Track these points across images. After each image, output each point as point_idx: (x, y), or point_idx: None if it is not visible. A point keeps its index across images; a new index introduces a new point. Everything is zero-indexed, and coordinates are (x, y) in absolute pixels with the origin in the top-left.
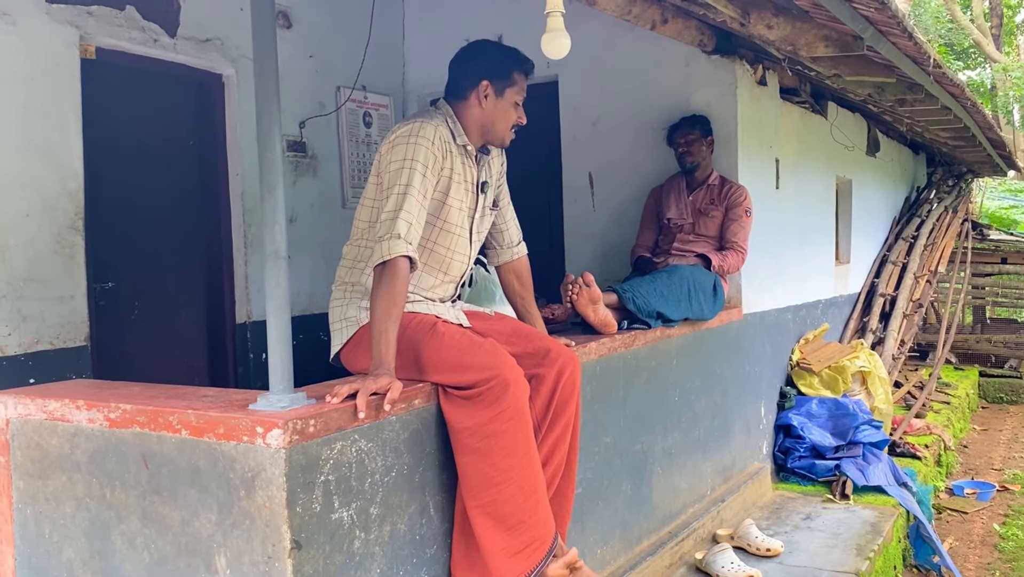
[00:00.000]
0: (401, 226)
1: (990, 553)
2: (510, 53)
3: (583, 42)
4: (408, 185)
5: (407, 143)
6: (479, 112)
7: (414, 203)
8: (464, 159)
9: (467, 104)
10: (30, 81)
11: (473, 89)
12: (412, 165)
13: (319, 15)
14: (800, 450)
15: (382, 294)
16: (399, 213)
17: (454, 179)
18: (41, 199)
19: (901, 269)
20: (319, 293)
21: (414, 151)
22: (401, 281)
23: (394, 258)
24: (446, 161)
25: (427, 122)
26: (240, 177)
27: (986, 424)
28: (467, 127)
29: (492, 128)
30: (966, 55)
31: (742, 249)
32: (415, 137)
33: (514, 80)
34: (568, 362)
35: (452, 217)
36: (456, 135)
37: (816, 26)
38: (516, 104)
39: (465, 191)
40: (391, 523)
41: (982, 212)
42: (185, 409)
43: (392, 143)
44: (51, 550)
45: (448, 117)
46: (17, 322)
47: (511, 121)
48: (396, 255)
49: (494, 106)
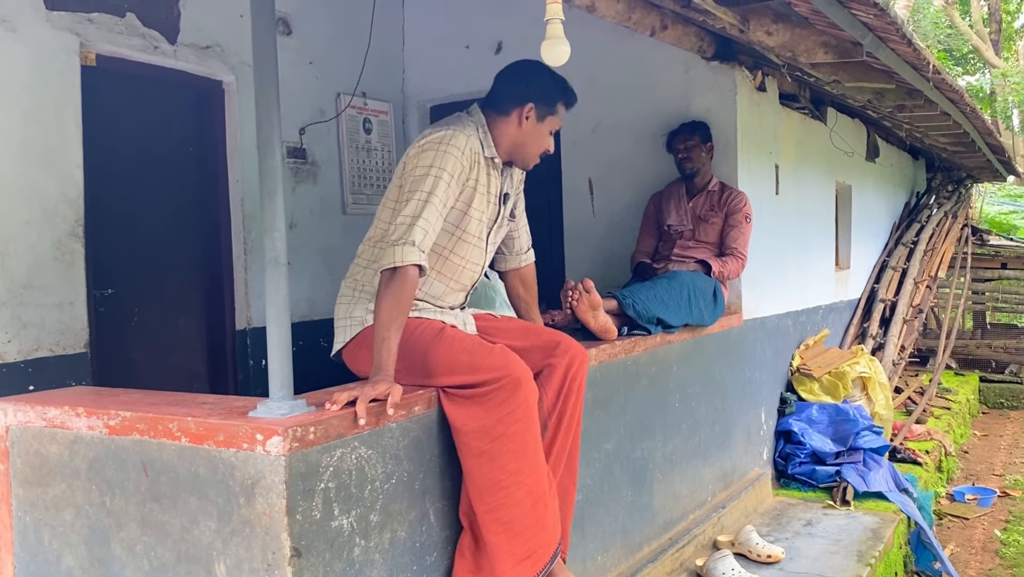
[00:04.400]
0: (417, 233)
1: (991, 559)
2: (560, 83)
3: (583, 49)
4: (431, 193)
5: (436, 150)
6: (516, 132)
7: (433, 212)
8: (490, 170)
9: (507, 120)
10: (30, 88)
11: (517, 108)
12: (438, 173)
13: (319, 22)
14: (801, 456)
15: (388, 299)
16: (417, 220)
17: (478, 190)
18: (41, 206)
19: (901, 274)
20: (319, 299)
21: (442, 159)
22: (409, 289)
23: (405, 266)
24: (472, 172)
25: (459, 131)
26: (240, 183)
27: (987, 429)
28: (498, 141)
29: (523, 149)
30: (965, 61)
31: (742, 255)
32: (445, 145)
33: (556, 110)
34: (578, 353)
35: (471, 227)
36: (485, 146)
37: (815, 32)
38: (551, 132)
39: (487, 202)
40: (391, 530)
41: (982, 217)
42: (185, 416)
43: (421, 147)
44: (50, 558)
45: (480, 127)
46: (17, 329)
47: (542, 148)
48: (408, 263)
49: (532, 129)
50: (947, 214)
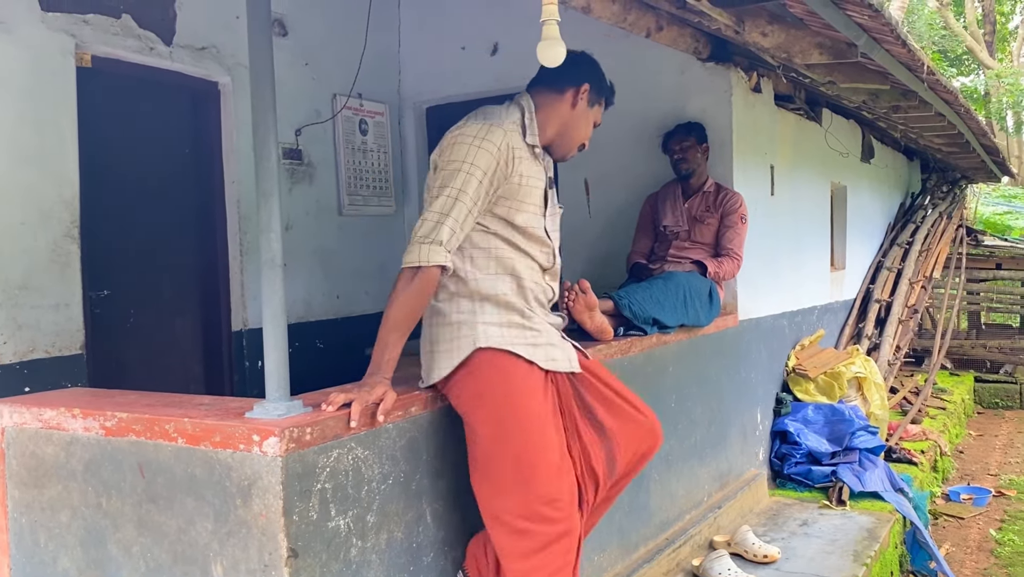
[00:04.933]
0: (445, 232)
1: (986, 558)
2: (607, 80)
3: (578, 50)
4: (461, 191)
5: (471, 145)
6: (567, 113)
7: (463, 210)
8: (532, 159)
9: (560, 99)
10: (26, 89)
11: (573, 87)
12: (471, 170)
13: (315, 23)
14: (797, 456)
15: (404, 300)
16: (446, 218)
17: (524, 183)
18: (37, 207)
19: (896, 275)
20: (315, 301)
21: (476, 155)
22: (429, 290)
23: (429, 267)
24: (512, 167)
25: (497, 126)
26: (236, 185)
27: (982, 429)
28: (544, 125)
29: (569, 134)
30: (959, 62)
31: (737, 256)
32: (480, 140)
33: (602, 102)
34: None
35: (531, 222)
36: (528, 133)
37: (810, 33)
38: (593, 124)
39: (538, 192)
40: (388, 531)
41: (976, 218)
42: (181, 417)
43: (455, 140)
44: (46, 559)
45: (528, 112)
46: (12, 330)
47: (585, 137)
48: (433, 263)
49: (583, 113)
50: (942, 215)
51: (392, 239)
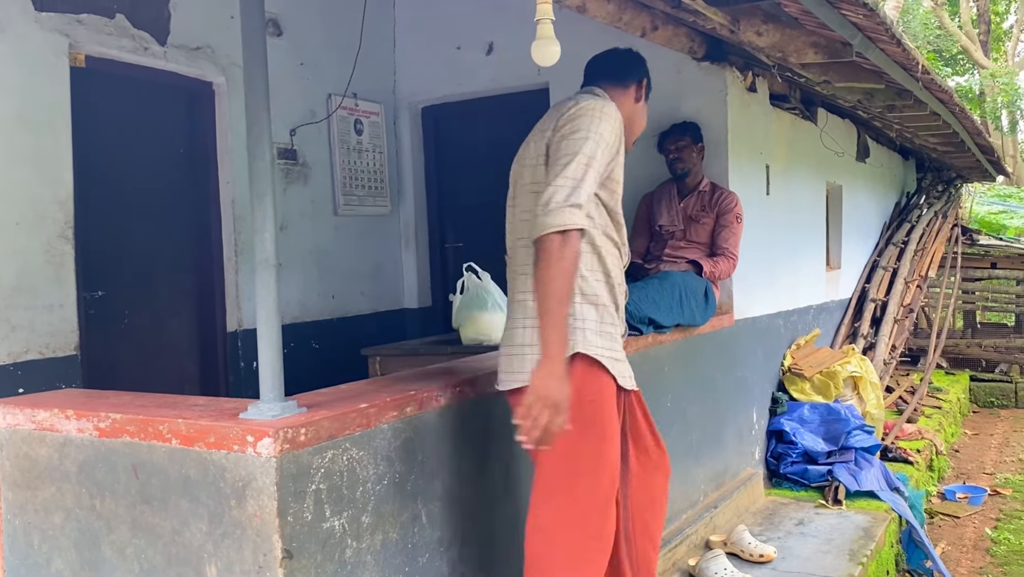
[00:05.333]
0: (583, 195)
1: (982, 557)
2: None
3: (573, 49)
4: (592, 158)
5: (594, 116)
6: (631, 107)
7: (594, 177)
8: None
9: (626, 93)
10: (19, 90)
11: (636, 81)
12: (598, 139)
13: (310, 23)
14: (792, 456)
15: (563, 268)
16: (582, 183)
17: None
18: (31, 208)
19: (892, 274)
20: (310, 301)
21: (600, 125)
22: (577, 256)
23: (573, 230)
24: (620, 145)
25: (608, 102)
26: (230, 185)
27: (977, 428)
28: None
29: (630, 128)
30: (954, 61)
31: (733, 255)
32: (602, 112)
33: (648, 100)
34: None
35: (620, 209)
36: None
37: (805, 33)
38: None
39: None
40: (383, 532)
41: (972, 217)
42: (175, 418)
43: (575, 113)
44: (40, 561)
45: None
46: (6, 331)
47: (642, 129)
48: (578, 226)
49: (641, 108)
50: (937, 214)
51: (387, 239)
